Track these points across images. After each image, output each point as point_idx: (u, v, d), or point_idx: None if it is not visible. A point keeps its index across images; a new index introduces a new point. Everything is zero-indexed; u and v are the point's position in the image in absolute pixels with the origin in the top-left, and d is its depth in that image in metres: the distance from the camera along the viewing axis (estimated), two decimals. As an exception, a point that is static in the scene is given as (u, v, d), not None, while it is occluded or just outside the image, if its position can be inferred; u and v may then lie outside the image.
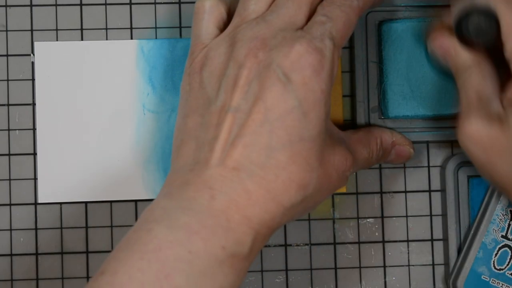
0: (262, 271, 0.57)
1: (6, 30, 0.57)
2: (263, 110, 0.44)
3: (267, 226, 0.44)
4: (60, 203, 0.56)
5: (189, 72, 0.48)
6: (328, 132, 0.47)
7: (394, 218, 0.57)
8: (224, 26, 0.49)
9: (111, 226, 0.56)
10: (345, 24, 0.47)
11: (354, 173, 0.57)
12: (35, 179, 0.56)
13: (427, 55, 0.55)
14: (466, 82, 0.48)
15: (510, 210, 0.55)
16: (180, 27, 0.57)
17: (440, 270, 0.57)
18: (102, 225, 0.56)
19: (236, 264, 0.43)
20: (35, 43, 0.57)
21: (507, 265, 0.55)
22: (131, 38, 0.57)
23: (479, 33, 0.48)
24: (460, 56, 0.49)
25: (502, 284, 0.55)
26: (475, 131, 0.47)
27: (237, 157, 0.44)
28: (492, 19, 0.47)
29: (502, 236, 0.55)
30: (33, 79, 0.57)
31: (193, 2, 0.56)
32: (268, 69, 0.45)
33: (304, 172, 0.45)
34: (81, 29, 0.57)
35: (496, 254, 0.55)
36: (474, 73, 0.48)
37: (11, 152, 0.56)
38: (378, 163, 0.55)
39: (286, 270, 0.57)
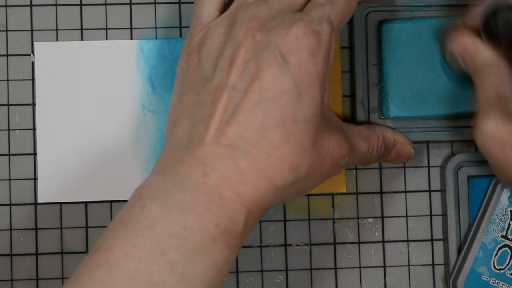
0: (262, 271, 0.57)
1: (6, 30, 0.57)
2: (259, 90, 0.44)
3: (259, 204, 0.45)
4: (60, 203, 0.56)
5: (187, 52, 0.48)
6: (324, 118, 0.47)
7: (394, 218, 0.57)
8: (225, 9, 0.50)
9: (111, 226, 0.56)
10: (344, 7, 0.47)
11: (354, 173, 0.57)
12: (35, 179, 0.56)
13: (430, 55, 0.55)
14: (485, 81, 0.49)
15: (510, 210, 0.55)
16: (180, 27, 0.57)
17: (440, 270, 0.57)
18: (102, 225, 0.56)
19: (229, 241, 0.43)
20: (35, 43, 0.57)
21: (507, 265, 0.55)
22: (131, 38, 0.57)
23: (508, 29, 0.48)
24: (481, 54, 0.49)
25: (502, 284, 0.55)
26: (494, 129, 0.48)
27: (231, 135, 0.44)
28: None
29: (502, 236, 0.55)
30: (33, 79, 0.57)
31: (193, 2, 0.56)
32: (266, 49, 0.45)
33: (297, 154, 0.45)
34: (81, 29, 0.57)
35: (496, 254, 0.55)
36: (493, 72, 0.49)
37: (11, 152, 0.56)
38: (378, 161, 0.55)
39: (286, 270, 0.57)
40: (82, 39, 0.57)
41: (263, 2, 0.47)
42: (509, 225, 0.55)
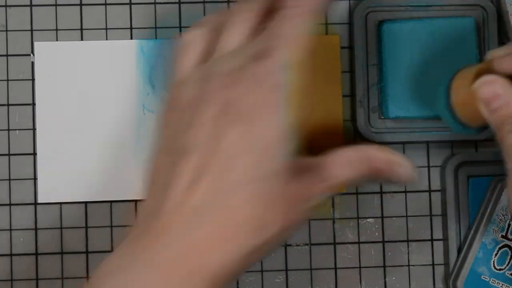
0: (262, 271, 0.57)
1: (6, 30, 0.57)
2: (225, 149, 0.43)
3: (226, 271, 0.43)
4: (60, 203, 0.56)
5: (164, 109, 0.47)
6: (296, 165, 0.45)
7: (394, 218, 0.57)
8: (207, 56, 0.48)
9: (111, 226, 0.56)
10: (297, 37, 0.45)
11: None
12: (35, 179, 0.56)
13: (430, 55, 0.55)
14: None
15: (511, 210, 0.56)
16: (180, 27, 0.57)
17: (440, 270, 0.57)
18: (102, 225, 0.56)
19: None
20: (35, 43, 0.57)
21: (507, 265, 0.55)
22: (131, 38, 0.57)
23: None
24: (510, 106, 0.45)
25: (502, 284, 0.55)
26: None
27: (197, 198, 0.43)
28: None
29: (502, 236, 0.55)
30: (33, 79, 0.57)
31: (193, 2, 0.56)
32: (232, 107, 0.44)
33: (266, 212, 0.43)
34: (81, 29, 0.57)
35: (496, 254, 0.55)
36: None
37: (11, 152, 0.56)
38: (375, 183, 0.54)
39: (286, 270, 0.57)
40: (82, 39, 0.57)
41: (232, 55, 0.46)
42: (509, 225, 0.55)
